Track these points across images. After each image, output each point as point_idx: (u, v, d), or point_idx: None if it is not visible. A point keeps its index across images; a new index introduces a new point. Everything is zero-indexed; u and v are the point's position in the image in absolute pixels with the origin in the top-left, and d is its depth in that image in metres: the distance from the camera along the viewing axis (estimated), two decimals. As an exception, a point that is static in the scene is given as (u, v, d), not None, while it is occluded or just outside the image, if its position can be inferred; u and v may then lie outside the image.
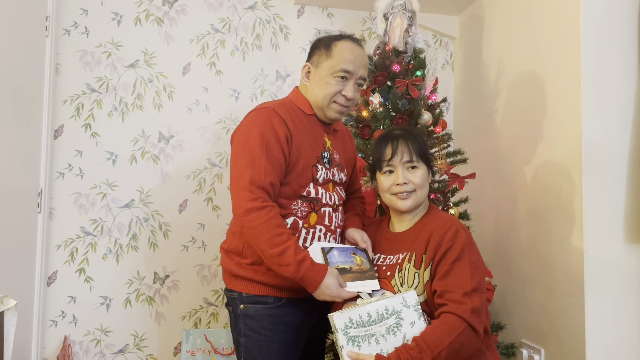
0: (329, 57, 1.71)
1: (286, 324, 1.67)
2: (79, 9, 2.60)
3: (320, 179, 1.70)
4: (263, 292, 1.67)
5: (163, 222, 2.64)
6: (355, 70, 1.71)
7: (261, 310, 1.66)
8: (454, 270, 1.50)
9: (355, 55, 1.71)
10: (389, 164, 1.64)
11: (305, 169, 1.67)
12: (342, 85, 1.70)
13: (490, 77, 2.64)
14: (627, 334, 1.93)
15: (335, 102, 1.71)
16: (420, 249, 1.58)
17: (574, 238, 1.98)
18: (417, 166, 1.63)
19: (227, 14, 2.76)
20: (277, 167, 1.61)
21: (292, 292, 1.66)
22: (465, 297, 1.46)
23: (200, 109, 2.70)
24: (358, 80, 1.73)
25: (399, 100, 2.19)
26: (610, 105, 1.96)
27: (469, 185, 2.29)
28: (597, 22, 1.97)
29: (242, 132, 1.66)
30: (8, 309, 1.52)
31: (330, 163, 1.75)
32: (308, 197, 1.68)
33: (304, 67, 1.77)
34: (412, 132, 1.69)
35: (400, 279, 1.58)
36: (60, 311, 2.51)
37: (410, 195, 1.63)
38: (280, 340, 1.65)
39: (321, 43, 1.75)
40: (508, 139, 2.46)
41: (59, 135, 2.55)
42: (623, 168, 1.95)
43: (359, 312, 1.45)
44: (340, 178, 1.79)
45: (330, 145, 1.78)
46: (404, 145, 1.62)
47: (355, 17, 2.90)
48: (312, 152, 1.70)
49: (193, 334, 2.48)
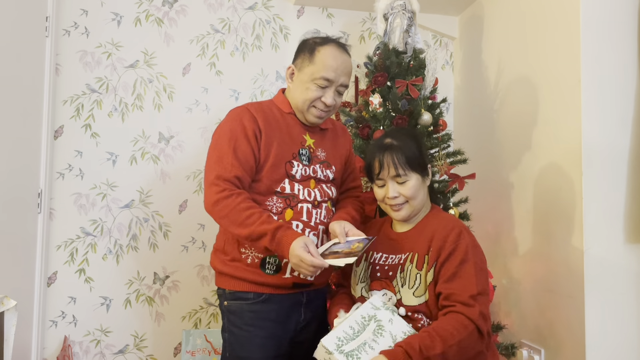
0: (311, 62, 1.72)
1: (267, 319, 1.69)
2: (79, 10, 2.60)
3: (297, 175, 1.72)
4: (243, 288, 1.70)
5: (163, 222, 2.64)
6: (336, 79, 1.71)
7: (242, 306, 1.70)
8: (460, 273, 1.50)
9: (338, 63, 1.71)
10: (379, 178, 1.64)
11: (277, 165, 1.69)
12: (322, 92, 1.71)
13: (490, 77, 2.64)
14: (627, 334, 1.93)
15: (315, 107, 1.73)
16: (423, 249, 1.58)
17: (574, 238, 1.98)
18: (407, 178, 1.60)
19: (227, 14, 2.76)
20: (245, 162, 1.66)
21: (273, 288, 1.69)
22: (472, 299, 1.47)
23: (200, 109, 2.70)
24: (339, 87, 1.73)
25: (398, 100, 2.19)
26: (610, 106, 1.96)
27: (469, 185, 2.29)
28: (597, 22, 1.97)
29: (216, 131, 1.74)
30: (8, 310, 1.52)
31: (311, 160, 1.76)
32: (283, 193, 1.70)
33: (288, 69, 1.79)
34: (401, 139, 1.65)
35: (402, 279, 1.58)
36: (60, 311, 2.51)
37: (403, 207, 1.63)
38: (261, 336, 1.68)
39: (306, 46, 1.76)
40: (508, 139, 2.46)
41: (59, 135, 2.55)
42: (623, 168, 1.95)
43: (343, 329, 1.47)
44: (326, 175, 1.79)
45: (313, 143, 1.79)
46: (390, 160, 1.60)
47: (355, 17, 2.90)
48: (287, 148, 1.72)
49: (193, 335, 2.48)
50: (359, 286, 1.69)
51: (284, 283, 1.68)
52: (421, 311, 1.54)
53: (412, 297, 1.55)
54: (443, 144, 2.26)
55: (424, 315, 1.54)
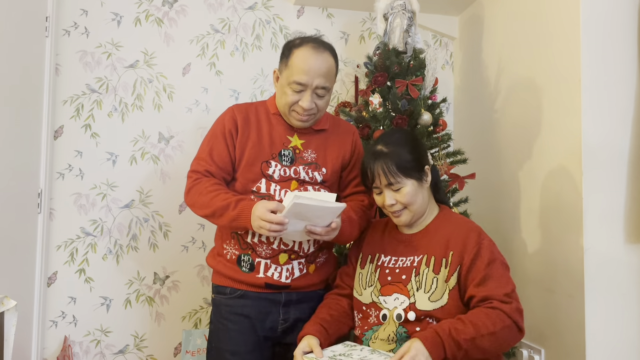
0: (286, 66, 1.70)
1: (241, 314, 1.73)
2: (79, 10, 2.59)
3: (275, 175, 1.73)
4: (222, 283, 1.78)
5: (163, 222, 2.64)
6: (310, 82, 1.66)
7: (221, 300, 1.78)
8: (491, 274, 1.50)
9: (310, 66, 1.65)
10: (374, 186, 1.63)
11: (251, 164, 1.72)
12: (298, 96, 1.69)
13: (490, 77, 2.64)
14: (627, 334, 1.93)
15: (295, 111, 1.72)
16: (439, 252, 1.55)
17: (574, 238, 1.98)
18: (400, 185, 1.58)
19: (227, 14, 2.76)
20: (219, 160, 1.74)
21: (248, 286, 1.73)
22: (508, 297, 1.47)
23: (200, 109, 2.70)
24: (316, 90, 1.68)
25: (398, 100, 2.19)
26: (610, 105, 1.96)
27: (469, 185, 2.29)
28: (597, 22, 1.97)
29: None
30: (8, 310, 1.52)
31: (294, 161, 1.75)
32: (258, 193, 1.72)
33: (274, 73, 1.80)
34: (392, 145, 1.61)
35: (417, 283, 1.55)
36: (61, 312, 2.51)
37: (402, 213, 1.61)
38: (233, 330, 1.73)
39: (285, 49, 1.74)
40: (508, 139, 2.46)
41: (59, 135, 2.55)
42: (623, 168, 1.95)
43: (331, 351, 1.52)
44: (312, 177, 1.77)
45: (302, 144, 1.78)
46: (380, 169, 1.58)
47: (355, 17, 2.90)
48: (264, 148, 1.74)
49: (193, 335, 2.48)
50: (367, 291, 1.64)
51: (257, 282, 1.72)
52: (434, 316, 1.51)
53: (428, 301, 1.52)
54: (443, 144, 2.26)
55: (435, 321, 1.51)
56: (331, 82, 1.73)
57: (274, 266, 1.72)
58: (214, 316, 1.80)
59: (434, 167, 1.75)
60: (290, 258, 1.73)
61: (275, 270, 1.72)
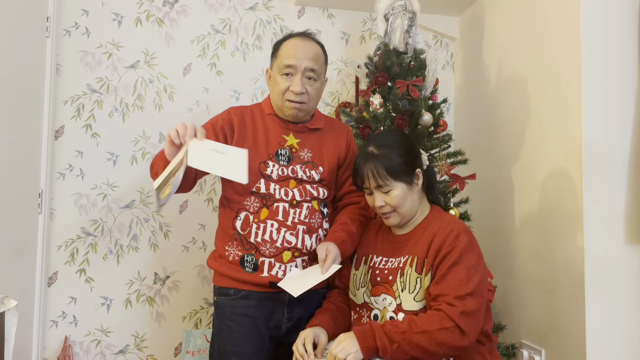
0: (276, 58, 1.79)
1: (245, 315, 1.73)
2: (80, 10, 2.60)
3: (274, 175, 1.74)
4: (225, 284, 1.77)
5: (163, 222, 2.64)
6: (298, 64, 1.72)
7: (224, 302, 1.77)
8: (449, 275, 1.49)
9: (297, 50, 1.74)
10: (365, 187, 1.64)
11: (249, 165, 1.70)
12: (289, 81, 1.74)
13: (491, 77, 2.64)
14: (627, 335, 1.93)
15: (288, 100, 1.75)
16: (422, 252, 1.56)
17: (574, 239, 1.98)
18: (390, 188, 1.58)
19: (228, 14, 2.76)
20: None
21: (252, 286, 1.73)
22: (457, 300, 1.45)
23: (200, 109, 2.70)
24: (306, 73, 1.74)
25: (399, 101, 2.19)
26: (610, 106, 1.96)
27: (470, 185, 2.29)
28: (598, 22, 1.97)
29: None
30: (9, 310, 1.52)
31: (291, 160, 1.77)
32: (259, 193, 1.74)
33: (266, 72, 1.85)
34: (383, 147, 1.61)
35: (402, 284, 1.56)
36: (61, 312, 2.51)
37: (391, 215, 1.62)
38: (238, 331, 1.73)
39: (274, 46, 1.83)
40: (508, 139, 2.46)
41: (60, 135, 2.55)
42: (623, 168, 1.95)
43: None
44: (310, 176, 1.78)
45: (297, 143, 1.80)
46: (369, 171, 1.59)
47: (355, 17, 2.90)
48: (261, 149, 1.76)
49: (193, 335, 2.48)
50: (360, 291, 1.66)
51: (261, 281, 1.72)
52: None
53: (413, 301, 1.53)
54: (443, 145, 2.26)
55: None
56: (320, 67, 1.78)
57: (278, 264, 1.72)
58: (217, 318, 1.79)
59: (430, 167, 1.76)
60: (293, 256, 1.74)
61: (279, 269, 1.72)
